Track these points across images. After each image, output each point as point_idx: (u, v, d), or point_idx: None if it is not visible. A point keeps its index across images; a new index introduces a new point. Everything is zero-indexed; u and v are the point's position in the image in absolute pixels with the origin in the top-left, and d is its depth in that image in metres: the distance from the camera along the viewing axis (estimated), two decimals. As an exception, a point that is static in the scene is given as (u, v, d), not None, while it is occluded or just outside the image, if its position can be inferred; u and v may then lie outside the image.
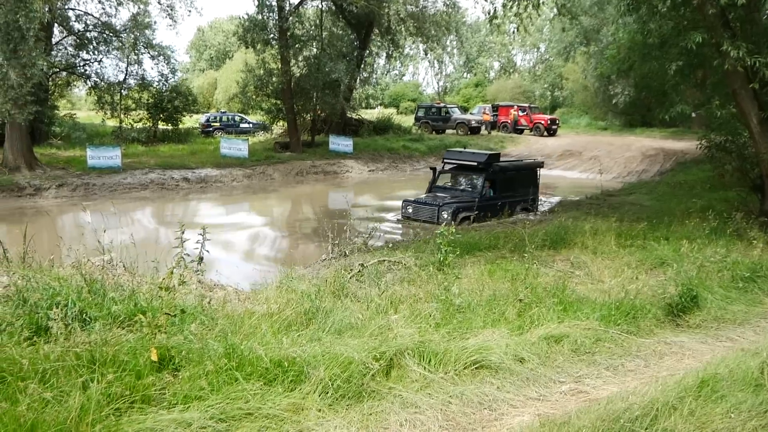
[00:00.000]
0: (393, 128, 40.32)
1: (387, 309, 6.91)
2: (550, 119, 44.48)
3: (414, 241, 11.92)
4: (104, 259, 6.60)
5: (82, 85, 38.02)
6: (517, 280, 8.28)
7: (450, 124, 42.76)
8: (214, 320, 5.78)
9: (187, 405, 4.29)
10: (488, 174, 17.10)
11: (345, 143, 32.46)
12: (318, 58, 31.58)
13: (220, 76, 64.57)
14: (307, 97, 32.98)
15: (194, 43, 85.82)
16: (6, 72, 22.19)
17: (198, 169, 27.14)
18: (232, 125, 41.12)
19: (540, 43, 65.08)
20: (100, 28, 32.80)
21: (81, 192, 23.00)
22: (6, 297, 5.48)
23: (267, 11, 30.70)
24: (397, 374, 5.35)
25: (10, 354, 4.39)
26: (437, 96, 72.48)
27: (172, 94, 34.47)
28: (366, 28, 35.45)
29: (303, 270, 10.16)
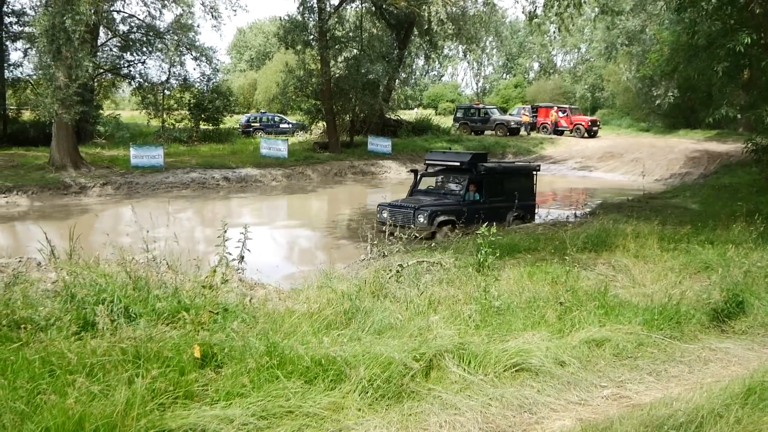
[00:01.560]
0: (431, 129, 40.28)
1: (426, 310, 6.90)
2: (590, 120, 43.93)
3: (453, 242, 11.86)
4: (148, 256, 6.72)
5: (126, 86, 38.81)
6: (558, 283, 8.19)
7: (489, 125, 42.52)
8: (255, 318, 5.84)
9: (229, 402, 4.34)
10: (473, 176, 15.63)
11: (383, 144, 32.52)
12: (357, 59, 31.70)
13: (259, 77, 65.21)
14: (346, 97, 33.15)
15: (235, 45, 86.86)
16: (53, 73, 22.78)
17: (238, 168, 27.47)
18: (271, 125, 41.49)
19: (581, 43, 64.36)
20: (144, 29, 33.43)
21: (124, 190, 23.45)
22: (54, 292, 5.61)
23: (307, 12, 30.92)
24: (436, 375, 5.34)
25: (59, 348, 4.50)
26: (476, 97, 72.19)
27: (214, 94, 34.97)
28: (406, 29, 35.48)
29: (342, 270, 10.21)
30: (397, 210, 15.07)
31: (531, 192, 16.74)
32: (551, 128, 43.58)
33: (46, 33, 21.54)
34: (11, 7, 32.84)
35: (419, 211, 14.56)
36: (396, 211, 15.03)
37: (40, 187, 22.45)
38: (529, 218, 16.52)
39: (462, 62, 73.96)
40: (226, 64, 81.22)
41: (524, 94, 65.32)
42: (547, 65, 76.93)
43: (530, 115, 44.46)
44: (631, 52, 42.35)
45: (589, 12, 28.08)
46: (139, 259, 6.58)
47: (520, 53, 79.00)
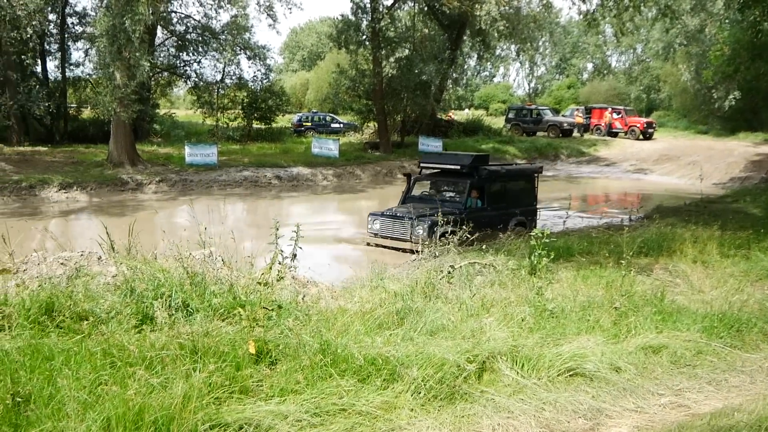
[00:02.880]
0: (483, 130, 40.04)
1: (479, 312, 6.86)
2: (646, 122, 43.07)
3: (505, 244, 11.76)
4: (204, 253, 6.84)
5: (182, 85, 39.64)
6: (613, 287, 8.04)
7: (541, 127, 42.07)
8: (308, 316, 5.89)
9: (284, 398, 4.39)
10: (475, 180, 14.30)
11: (434, 144, 32.44)
12: (409, 59, 31.67)
13: (311, 77, 65.79)
14: (397, 98, 33.17)
15: (287, 45, 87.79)
16: (113, 72, 23.40)
17: (289, 167, 27.76)
18: (323, 125, 41.81)
19: (637, 43, 63.08)
20: (200, 30, 34.07)
21: (179, 188, 23.93)
22: (115, 286, 5.75)
23: (361, 13, 31.05)
24: (489, 378, 5.31)
25: (120, 340, 4.62)
26: (528, 97, 71.46)
27: (267, 93, 35.37)
28: (458, 29, 35.36)
29: (394, 270, 10.22)
30: (392, 220, 13.73)
31: (533, 196, 15.74)
32: (605, 130, 42.87)
33: (107, 33, 22.13)
34: (74, 8, 33.85)
35: (417, 222, 13.14)
36: (390, 221, 13.74)
37: (98, 183, 23.08)
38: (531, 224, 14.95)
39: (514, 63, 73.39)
40: (278, 64, 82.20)
41: (577, 95, 64.47)
42: (601, 66, 75.70)
43: (584, 116, 43.83)
44: (689, 52, 41.33)
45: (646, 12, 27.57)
46: (195, 255, 6.70)
47: (573, 53, 77.93)
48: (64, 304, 5.22)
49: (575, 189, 27.99)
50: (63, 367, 4.28)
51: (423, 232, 12.71)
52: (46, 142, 30.35)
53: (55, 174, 23.29)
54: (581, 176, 32.78)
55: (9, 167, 23.93)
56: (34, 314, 5.10)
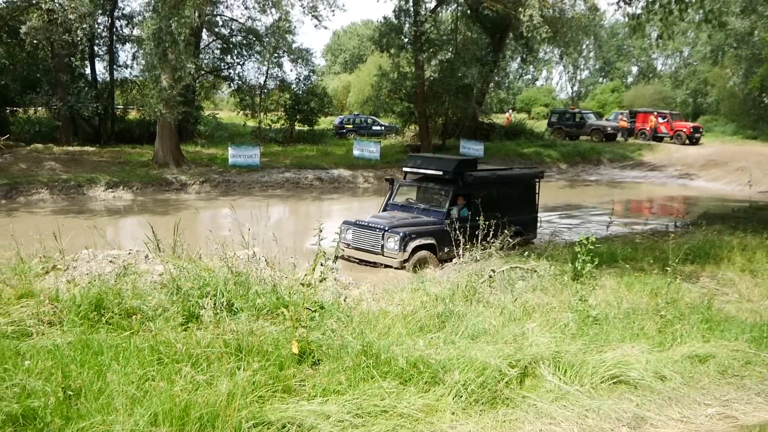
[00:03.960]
0: (525, 133, 39.70)
1: (520, 317, 6.81)
2: (692, 127, 42.17)
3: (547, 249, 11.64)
4: (248, 253, 6.92)
5: (226, 87, 40.16)
6: (658, 295, 7.91)
7: (584, 131, 41.53)
8: (349, 317, 5.92)
9: (326, 398, 4.42)
10: (458, 187, 12.97)
11: (476, 147, 32.27)
12: (452, 62, 31.56)
13: (353, 80, 65.98)
14: (439, 100, 33.10)
15: (329, 47, 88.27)
16: (159, 74, 23.83)
17: (331, 169, 27.90)
18: (364, 127, 41.92)
19: (684, 46, 61.86)
20: (244, 32, 34.46)
21: (222, 188, 24.25)
22: (161, 284, 5.86)
23: (403, 15, 31.08)
24: (531, 383, 5.27)
25: (167, 337, 4.71)
26: (571, 101, 70.63)
27: (309, 96, 35.60)
28: (501, 32, 35.13)
29: (434, 273, 10.21)
30: (363, 230, 12.29)
31: (531, 204, 14.44)
32: (650, 134, 42.12)
33: (154, 36, 22.53)
34: (122, 11, 34.54)
35: (389, 233, 11.76)
36: (361, 231, 12.32)
37: (143, 183, 23.52)
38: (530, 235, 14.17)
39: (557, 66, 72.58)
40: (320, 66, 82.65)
41: (621, 99, 63.45)
42: (646, 69, 74.45)
43: (628, 120, 43.16)
44: (739, 55, 40.41)
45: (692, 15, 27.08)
46: (239, 256, 6.79)
47: (618, 56, 76.80)
48: (112, 301, 5.34)
49: (618, 194, 27.58)
50: (112, 362, 4.39)
51: (394, 245, 11.57)
52: (93, 142, 31.01)
53: (102, 173, 23.81)
54: (625, 181, 32.28)
55: (58, 166, 24.54)
56: (84, 310, 5.23)
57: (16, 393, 3.94)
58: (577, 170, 34.16)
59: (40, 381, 4.06)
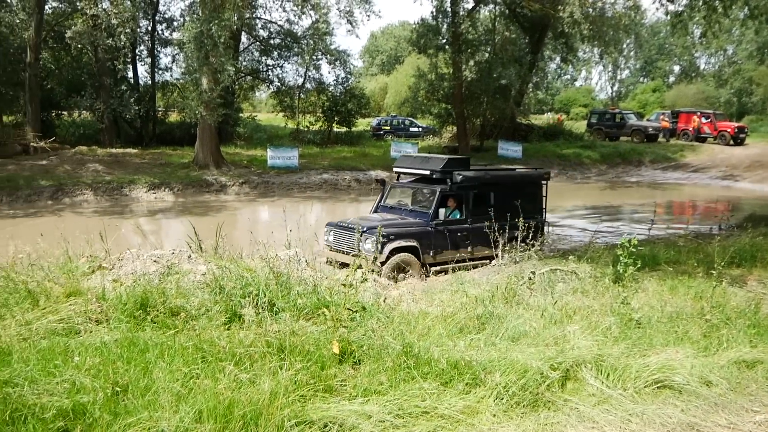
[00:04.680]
0: (564, 134, 39.35)
1: (561, 319, 6.75)
2: (737, 127, 41.29)
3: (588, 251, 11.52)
4: (289, 253, 6.99)
5: (265, 89, 40.60)
6: (703, 298, 7.77)
7: (625, 131, 40.99)
8: (389, 318, 5.93)
9: (367, 398, 4.43)
10: (447, 188, 12.26)
11: (514, 149, 32.11)
12: (490, 62, 31.48)
13: (390, 81, 66.14)
14: (477, 101, 33.02)
15: (367, 49, 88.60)
16: (199, 77, 24.18)
17: (368, 171, 28.00)
18: (401, 129, 41.98)
19: (728, 44, 60.66)
20: (283, 35, 34.79)
21: (261, 189, 24.51)
22: (204, 284, 5.95)
23: (441, 16, 31.05)
24: (573, 386, 5.21)
25: (211, 336, 4.77)
26: (611, 101, 69.78)
27: (346, 97, 35.79)
28: (539, 32, 34.89)
29: (473, 274, 10.17)
30: (343, 232, 11.78)
31: (535, 207, 13.39)
32: (693, 135, 41.38)
33: (195, 39, 22.90)
34: (163, 15, 35.16)
35: (367, 234, 11.07)
36: (341, 233, 11.84)
37: (184, 184, 23.90)
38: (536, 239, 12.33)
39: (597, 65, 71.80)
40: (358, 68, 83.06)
41: (663, 99, 62.52)
42: (689, 68, 73.20)
43: (670, 120, 42.46)
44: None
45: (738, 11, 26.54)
46: (280, 256, 6.85)
47: (659, 56, 75.64)
48: (157, 299, 5.43)
49: (660, 196, 27.16)
50: (157, 360, 4.46)
51: (371, 246, 10.82)
52: (135, 144, 31.63)
53: (143, 175, 24.26)
54: (666, 183, 31.78)
55: (102, 168, 25.06)
56: (130, 309, 5.34)
57: (66, 388, 4.04)
58: (617, 171, 33.73)
59: (88, 377, 4.15)
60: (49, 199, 21.72)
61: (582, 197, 27.61)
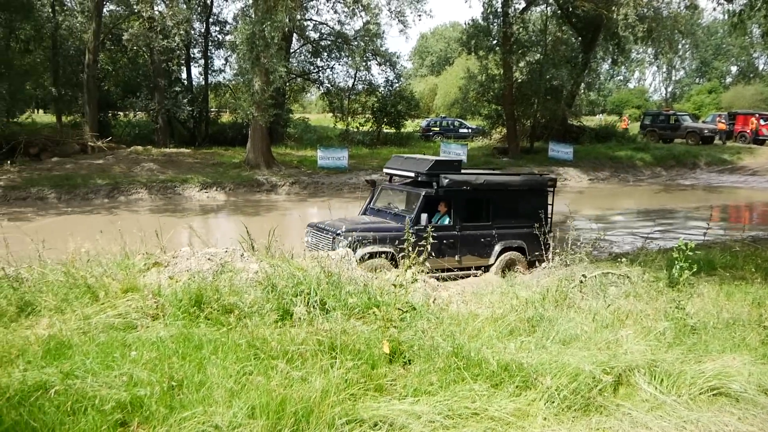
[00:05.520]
0: (616, 136, 38.71)
1: (613, 323, 6.65)
2: (797, 129, 40.06)
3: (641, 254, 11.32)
4: (339, 253, 7.04)
5: (315, 90, 40.99)
6: (761, 305, 7.57)
7: (679, 133, 40.12)
8: (439, 319, 5.93)
9: (417, 398, 4.44)
10: (432, 192, 11.54)
11: (565, 150, 31.72)
12: (541, 63, 31.16)
13: (440, 82, 66.05)
14: (527, 102, 32.74)
15: (417, 50, 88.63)
16: (251, 78, 24.53)
17: (417, 172, 27.95)
18: (451, 130, 41.90)
19: (789, 44, 58.78)
20: (334, 36, 35.04)
21: (311, 189, 24.74)
22: (256, 282, 6.04)
23: (492, 17, 30.87)
24: (625, 391, 5.13)
25: (263, 334, 4.85)
26: (665, 103, 68.34)
27: (396, 98, 35.86)
28: (592, 32, 34.36)
29: (523, 276, 10.10)
30: (320, 233, 11.46)
31: (537, 215, 12.21)
32: (750, 137, 40.24)
33: (247, 40, 23.25)
34: (217, 18, 35.77)
35: (340, 237, 10.80)
36: (318, 234, 11.50)
37: (235, 183, 24.29)
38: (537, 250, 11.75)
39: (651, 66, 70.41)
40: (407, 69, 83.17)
41: (719, 101, 60.97)
42: (747, 69, 71.22)
43: (727, 122, 41.37)
44: None
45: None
46: (331, 255, 6.92)
47: (716, 56, 73.78)
48: (211, 297, 5.54)
49: (716, 199, 26.50)
50: (211, 356, 4.55)
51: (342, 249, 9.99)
52: (188, 144, 32.28)
53: (196, 174, 24.74)
54: (722, 186, 30.97)
55: (156, 167, 25.63)
56: (184, 305, 5.46)
57: (124, 381, 4.15)
58: (671, 174, 33.02)
59: (145, 371, 4.26)
60: (105, 198, 22.31)
61: (634, 200, 27.12)
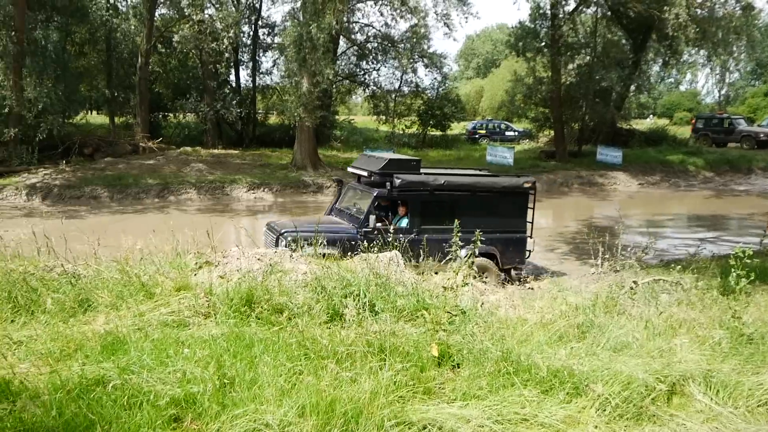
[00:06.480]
0: (667, 140, 37.93)
1: (666, 331, 6.51)
2: None
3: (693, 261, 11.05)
4: (388, 255, 7.05)
5: (360, 92, 41.17)
6: (823, 315, 7.33)
7: (733, 137, 39.12)
8: (487, 323, 5.89)
9: (466, 402, 4.41)
10: (384, 192, 11.03)
11: (614, 154, 31.21)
12: (590, 65, 30.73)
13: (486, 85, 65.68)
14: (576, 105, 32.32)
15: (462, 52, 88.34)
16: (299, 80, 24.77)
17: (463, 174, 27.85)
18: (497, 133, 41.62)
19: None
20: (380, 39, 35.16)
21: (356, 192, 24.82)
22: (305, 283, 6.09)
23: (540, 19, 30.59)
24: (679, 401, 5.02)
25: (313, 334, 4.88)
26: (718, 106, 66.71)
27: (442, 101, 35.79)
28: (643, 34, 33.73)
29: (572, 282, 9.96)
30: (269, 232, 11.26)
31: (516, 220, 11.63)
32: (808, 142, 39.03)
33: (295, 42, 23.50)
34: (265, 21, 36.22)
35: (283, 236, 10.52)
36: (268, 233, 11.27)
37: (282, 184, 24.53)
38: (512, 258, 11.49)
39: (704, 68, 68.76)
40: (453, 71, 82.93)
41: (776, 104, 59.26)
42: (806, 71, 69.12)
43: (784, 126, 40.23)
44: None
45: None
46: (380, 257, 6.94)
47: (772, 58, 71.75)
48: (262, 296, 5.60)
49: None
50: (262, 355, 4.60)
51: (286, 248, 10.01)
52: (236, 145, 32.73)
53: (244, 175, 25.08)
54: (779, 192, 30.12)
55: (204, 168, 26.06)
56: (236, 304, 5.53)
57: (178, 378, 4.22)
58: (724, 179, 32.20)
59: (198, 368, 4.33)
60: (155, 197, 22.77)
61: (686, 205, 26.54)
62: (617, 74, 30.45)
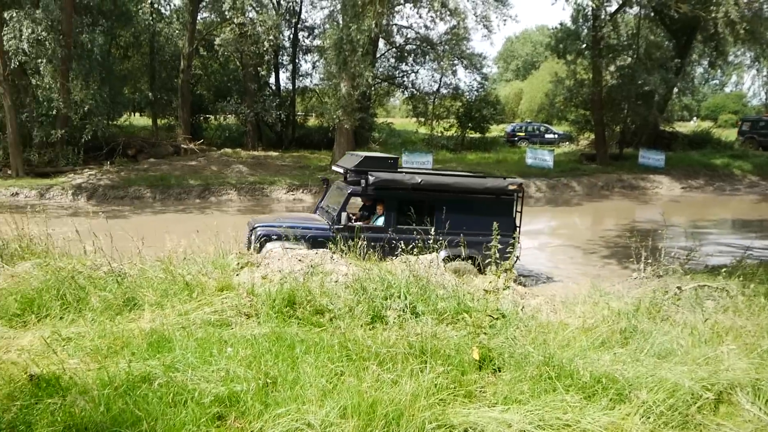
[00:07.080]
0: (711, 143, 37.16)
1: (711, 338, 6.38)
2: None
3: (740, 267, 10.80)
4: (428, 258, 7.05)
5: (399, 95, 41.20)
6: None
7: (782, 140, 38.16)
8: (528, 327, 5.85)
9: (508, 406, 4.38)
10: (358, 190, 11.06)
11: (656, 157, 30.70)
12: (632, 67, 30.27)
13: (525, 87, 65.20)
14: (617, 108, 31.86)
15: (502, 54, 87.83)
16: (338, 82, 24.91)
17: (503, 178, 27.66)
18: (536, 135, 41.25)
19: None
20: (419, 41, 35.13)
21: (394, 194, 24.83)
22: (346, 285, 6.11)
23: (581, 20, 30.26)
24: (726, 410, 4.92)
25: (355, 335, 4.90)
26: (765, 108, 65.16)
27: (481, 103, 35.60)
28: (687, 35, 33.13)
29: (615, 287, 9.82)
30: (249, 229, 11.33)
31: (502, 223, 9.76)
32: None
33: (335, 44, 23.63)
34: (305, 24, 36.47)
35: (256, 231, 10.69)
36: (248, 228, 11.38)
37: (321, 186, 24.62)
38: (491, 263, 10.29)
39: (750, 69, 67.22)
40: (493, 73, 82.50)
41: (826, 106, 57.69)
42: None
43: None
44: None
45: None
46: (421, 260, 6.93)
47: (822, 59, 69.86)
48: (303, 297, 5.64)
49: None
50: (304, 356, 4.63)
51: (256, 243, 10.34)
52: (276, 147, 33.03)
53: (283, 176, 25.29)
54: (830, 197, 29.30)
55: (245, 169, 26.34)
56: (278, 305, 5.58)
57: (222, 377, 4.28)
58: (772, 184, 31.47)
59: (241, 368, 4.38)
60: (197, 198, 23.09)
61: (731, 210, 25.99)
62: (660, 76, 29.90)
